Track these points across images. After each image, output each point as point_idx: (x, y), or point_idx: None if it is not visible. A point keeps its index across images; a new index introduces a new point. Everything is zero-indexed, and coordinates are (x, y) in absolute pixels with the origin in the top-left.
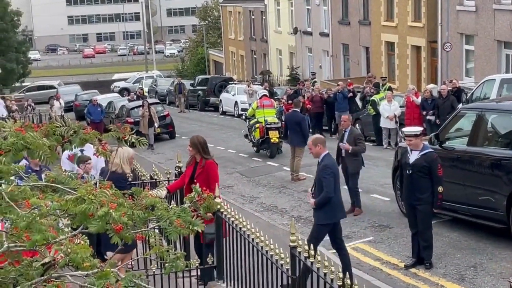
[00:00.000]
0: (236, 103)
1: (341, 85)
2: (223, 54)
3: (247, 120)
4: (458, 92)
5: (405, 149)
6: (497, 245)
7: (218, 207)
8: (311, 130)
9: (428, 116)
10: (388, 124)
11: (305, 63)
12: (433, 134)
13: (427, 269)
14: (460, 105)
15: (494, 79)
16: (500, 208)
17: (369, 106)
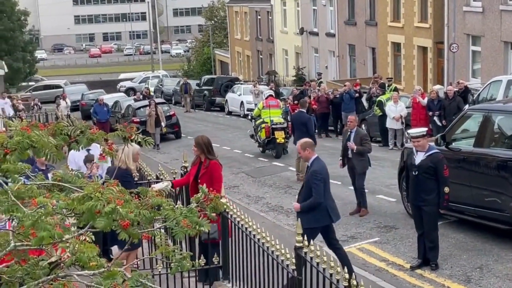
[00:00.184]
0: (242, 103)
1: (347, 85)
2: (229, 54)
3: (253, 120)
4: (464, 93)
5: (411, 150)
6: (503, 246)
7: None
8: (317, 130)
9: (434, 117)
10: (394, 124)
11: (311, 63)
12: (440, 135)
13: (433, 270)
14: (467, 106)
15: (501, 80)
16: (506, 209)
17: (375, 106)
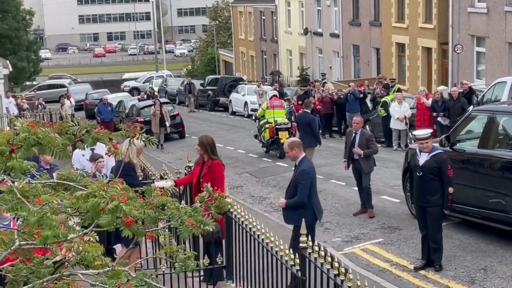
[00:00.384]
0: (246, 103)
1: (352, 86)
2: (233, 54)
3: (257, 120)
4: (469, 94)
5: (414, 150)
6: (508, 247)
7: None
8: (321, 131)
9: (438, 118)
10: (398, 125)
11: (315, 64)
12: (444, 136)
13: (436, 271)
14: (471, 107)
15: (506, 81)
16: (510, 210)
17: (379, 107)
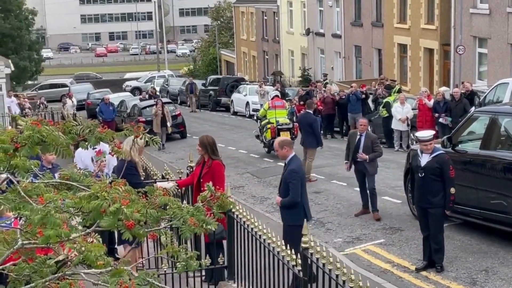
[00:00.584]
0: (247, 103)
1: (354, 86)
2: (235, 55)
3: (258, 120)
4: (471, 95)
5: (416, 151)
6: (509, 249)
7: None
8: (322, 131)
9: (440, 119)
10: (400, 126)
11: (317, 64)
12: (446, 137)
13: (438, 272)
14: (473, 108)
15: (508, 83)
16: None
17: (381, 108)
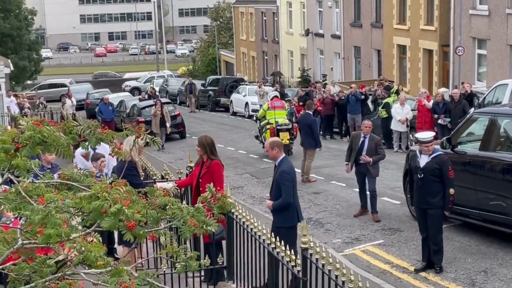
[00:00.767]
0: (246, 104)
1: (354, 87)
2: (234, 55)
3: (257, 121)
4: (470, 97)
5: (415, 152)
6: (508, 250)
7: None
8: (321, 132)
9: (439, 120)
10: (400, 127)
11: (316, 65)
12: (445, 138)
13: (437, 273)
14: (472, 110)
15: (507, 84)
16: (511, 213)
17: (380, 108)
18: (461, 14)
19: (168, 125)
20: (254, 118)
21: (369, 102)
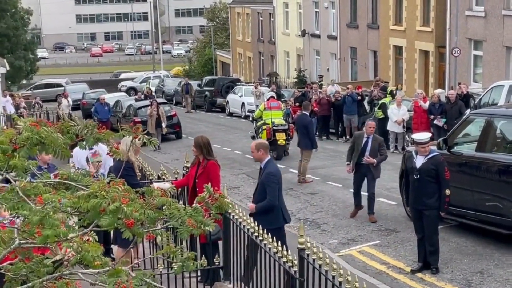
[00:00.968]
0: (243, 104)
1: (350, 88)
2: (231, 55)
3: (254, 121)
4: (466, 98)
5: (411, 153)
6: (504, 251)
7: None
8: (317, 133)
9: (435, 121)
10: (396, 128)
11: (312, 65)
12: (442, 139)
13: (433, 274)
14: (468, 111)
15: (503, 85)
16: (507, 214)
17: (377, 109)
18: (457, 15)
19: (164, 125)
20: (251, 119)
21: (365, 103)
